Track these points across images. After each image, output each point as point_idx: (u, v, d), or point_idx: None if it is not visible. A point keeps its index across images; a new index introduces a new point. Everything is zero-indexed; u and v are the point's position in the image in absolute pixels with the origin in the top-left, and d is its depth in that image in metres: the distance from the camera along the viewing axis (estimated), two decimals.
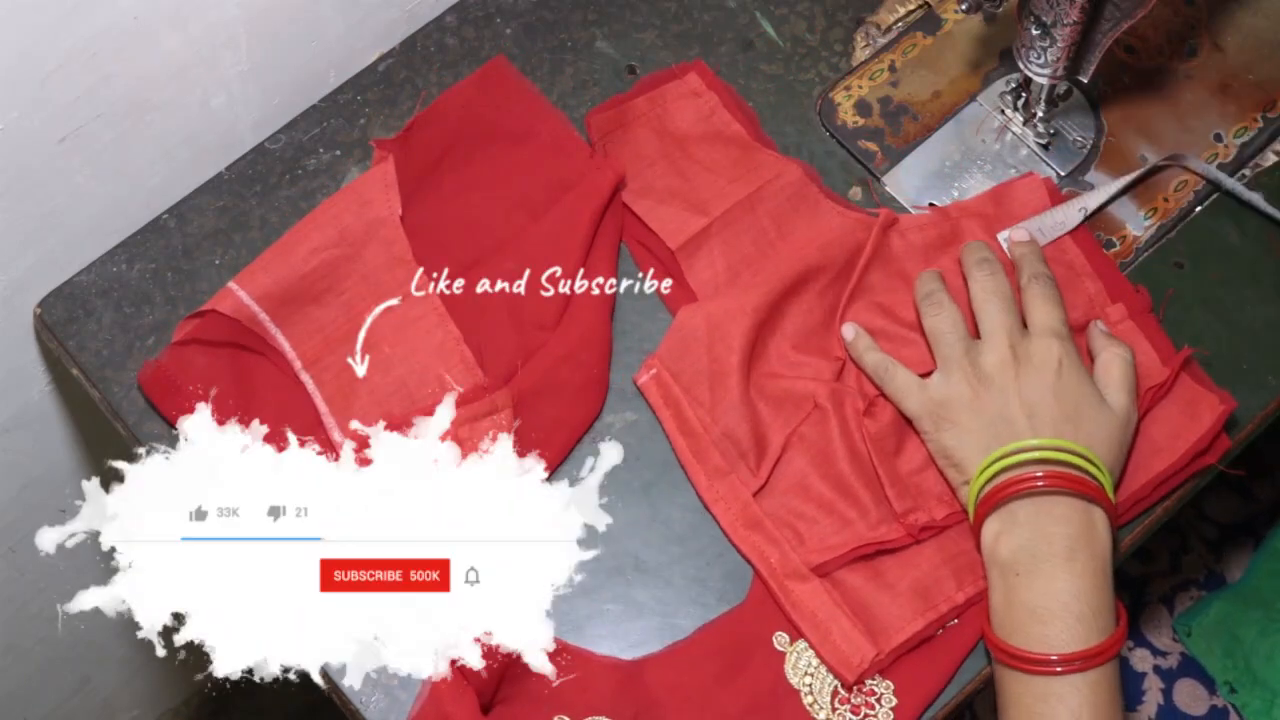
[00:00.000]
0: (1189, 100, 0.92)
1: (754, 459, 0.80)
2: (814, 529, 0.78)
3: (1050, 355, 0.76)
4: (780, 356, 0.82)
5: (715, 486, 0.80)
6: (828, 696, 0.75)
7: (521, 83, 0.90)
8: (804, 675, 0.76)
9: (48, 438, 0.97)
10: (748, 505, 0.79)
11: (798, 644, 0.76)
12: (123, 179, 0.84)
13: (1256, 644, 1.08)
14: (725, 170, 0.87)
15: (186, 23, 0.79)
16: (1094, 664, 0.70)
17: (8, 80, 0.72)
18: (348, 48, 0.90)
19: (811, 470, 0.80)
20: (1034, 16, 0.82)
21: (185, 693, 1.38)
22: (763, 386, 0.81)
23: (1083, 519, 0.73)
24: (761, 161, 0.88)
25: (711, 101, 0.89)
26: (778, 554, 0.78)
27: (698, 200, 0.86)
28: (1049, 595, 0.71)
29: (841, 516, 0.78)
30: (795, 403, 0.81)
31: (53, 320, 0.84)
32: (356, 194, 0.84)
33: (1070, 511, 0.73)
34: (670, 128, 0.89)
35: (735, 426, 0.80)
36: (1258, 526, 1.20)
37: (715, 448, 0.80)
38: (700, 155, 0.88)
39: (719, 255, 0.85)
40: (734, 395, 0.80)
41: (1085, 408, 0.76)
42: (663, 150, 0.88)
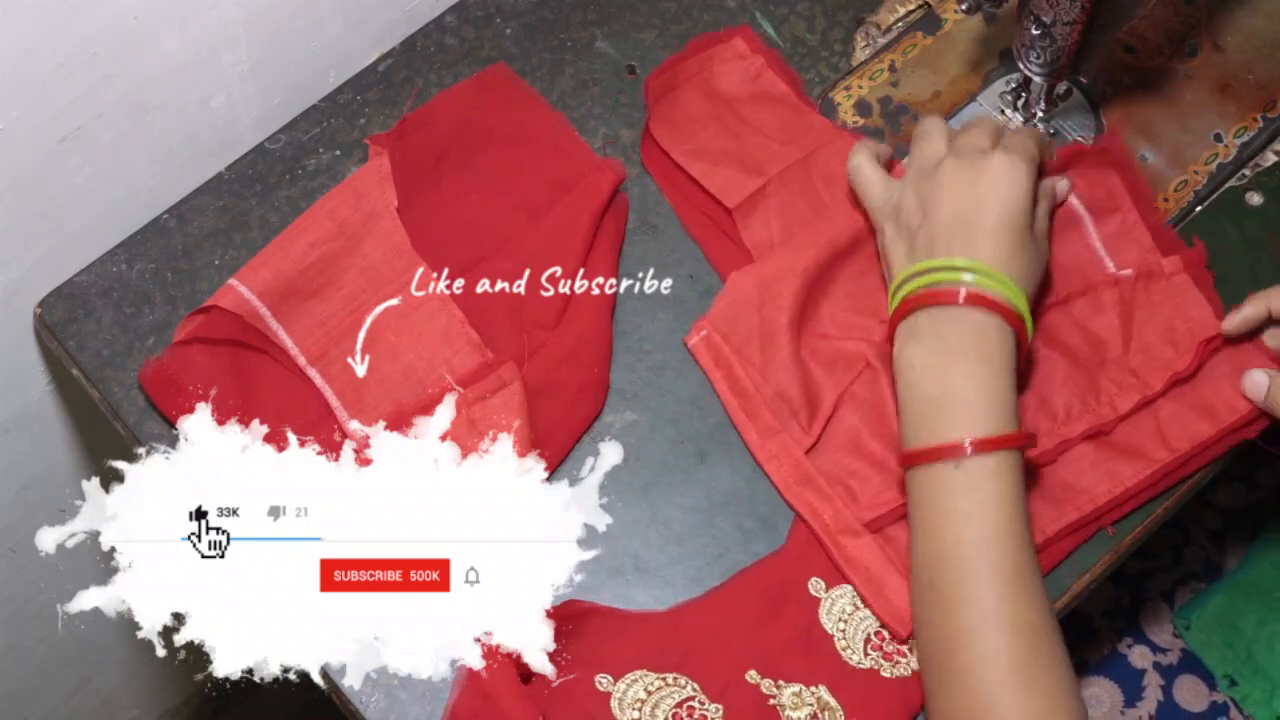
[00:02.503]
0: (1189, 100, 0.92)
1: (805, 417, 0.81)
2: (866, 486, 0.79)
3: (994, 169, 0.76)
4: (831, 318, 0.84)
5: (767, 445, 0.81)
6: (860, 641, 0.77)
7: (521, 86, 0.90)
8: (838, 621, 0.77)
9: (48, 438, 0.97)
10: (800, 463, 0.80)
11: (833, 590, 0.78)
12: (123, 179, 0.84)
13: (1256, 634, 1.08)
14: (776, 132, 0.88)
15: (186, 23, 0.79)
16: (993, 448, 0.71)
17: (8, 80, 0.72)
18: (348, 48, 0.90)
19: (863, 428, 0.81)
20: (1034, 16, 0.82)
21: (185, 693, 1.38)
22: (814, 346, 0.83)
23: (981, 324, 0.74)
24: (812, 124, 0.89)
25: (758, 63, 0.91)
26: (831, 510, 0.79)
27: (752, 162, 0.87)
28: (944, 385, 0.73)
29: (893, 473, 0.79)
30: (846, 362, 0.82)
31: (53, 320, 0.84)
32: (353, 189, 0.84)
33: (970, 318, 0.74)
34: (719, 89, 0.90)
35: (786, 385, 0.81)
36: (1261, 514, 1.20)
37: (767, 407, 0.81)
38: (750, 116, 0.89)
39: (774, 216, 0.86)
40: (785, 355, 0.81)
41: (1005, 227, 0.75)
42: (714, 112, 0.89)
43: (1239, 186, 0.90)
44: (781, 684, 0.75)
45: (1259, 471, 1.22)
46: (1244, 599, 1.11)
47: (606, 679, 0.74)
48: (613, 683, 0.74)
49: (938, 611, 0.71)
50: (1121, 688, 1.11)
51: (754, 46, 0.91)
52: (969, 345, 0.73)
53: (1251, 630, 1.09)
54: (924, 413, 0.73)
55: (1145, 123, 0.91)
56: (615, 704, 0.74)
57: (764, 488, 0.81)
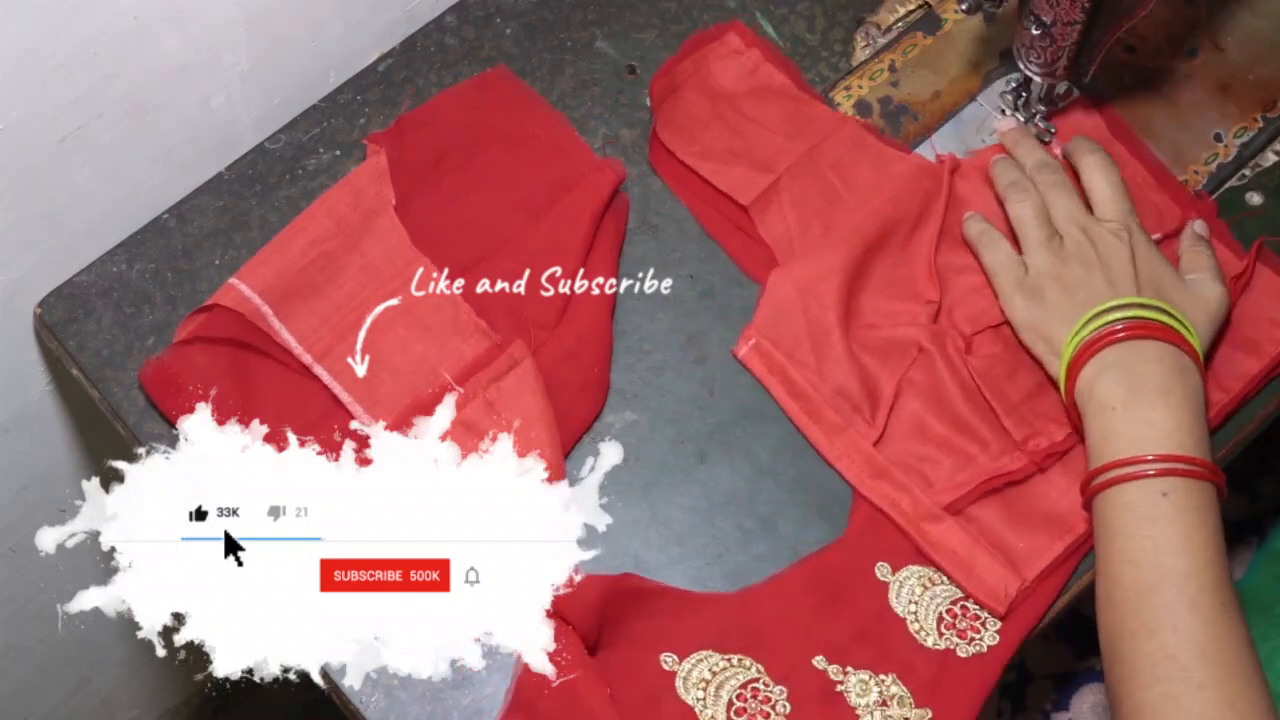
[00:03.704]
0: (1189, 100, 0.92)
1: (868, 410, 0.81)
2: (938, 469, 0.80)
3: (1121, 231, 0.80)
4: (874, 309, 0.84)
5: (836, 444, 0.81)
6: (933, 622, 0.77)
7: (521, 86, 0.90)
8: (908, 604, 0.77)
9: (48, 438, 0.97)
10: (871, 456, 0.80)
11: (900, 574, 0.78)
12: (123, 179, 0.84)
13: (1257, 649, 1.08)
14: (780, 126, 0.89)
15: (186, 23, 0.79)
16: (1195, 474, 0.70)
17: (8, 80, 0.72)
18: (348, 48, 0.90)
19: (926, 412, 0.81)
20: (1034, 16, 0.82)
21: (185, 693, 1.38)
22: (863, 339, 0.83)
23: (1174, 361, 0.74)
24: (815, 115, 0.89)
25: (755, 57, 0.91)
26: (908, 499, 0.79)
27: (760, 158, 0.88)
28: (1149, 424, 0.72)
29: (963, 453, 0.80)
30: (899, 350, 0.83)
31: (53, 320, 0.84)
32: (351, 187, 0.85)
33: (1161, 353, 0.74)
34: (717, 87, 0.90)
35: (845, 382, 0.81)
36: (1263, 526, 1.20)
37: (828, 406, 0.81)
38: (752, 112, 0.89)
39: (789, 209, 0.86)
40: (838, 352, 0.81)
41: (1166, 277, 0.78)
42: (715, 110, 0.89)
43: (1239, 186, 0.90)
44: (849, 670, 0.76)
45: (1261, 483, 1.22)
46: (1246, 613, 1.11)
47: (671, 658, 0.75)
48: (678, 662, 0.75)
49: (1142, 639, 0.70)
50: None
51: (748, 40, 0.91)
52: (1163, 381, 0.73)
53: None
54: (1123, 447, 0.73)
55: (1145, 123, 0.91)
56: (680, 683, 0.74)
57: (765, 486, 0.81)
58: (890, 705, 0.75)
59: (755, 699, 0.74)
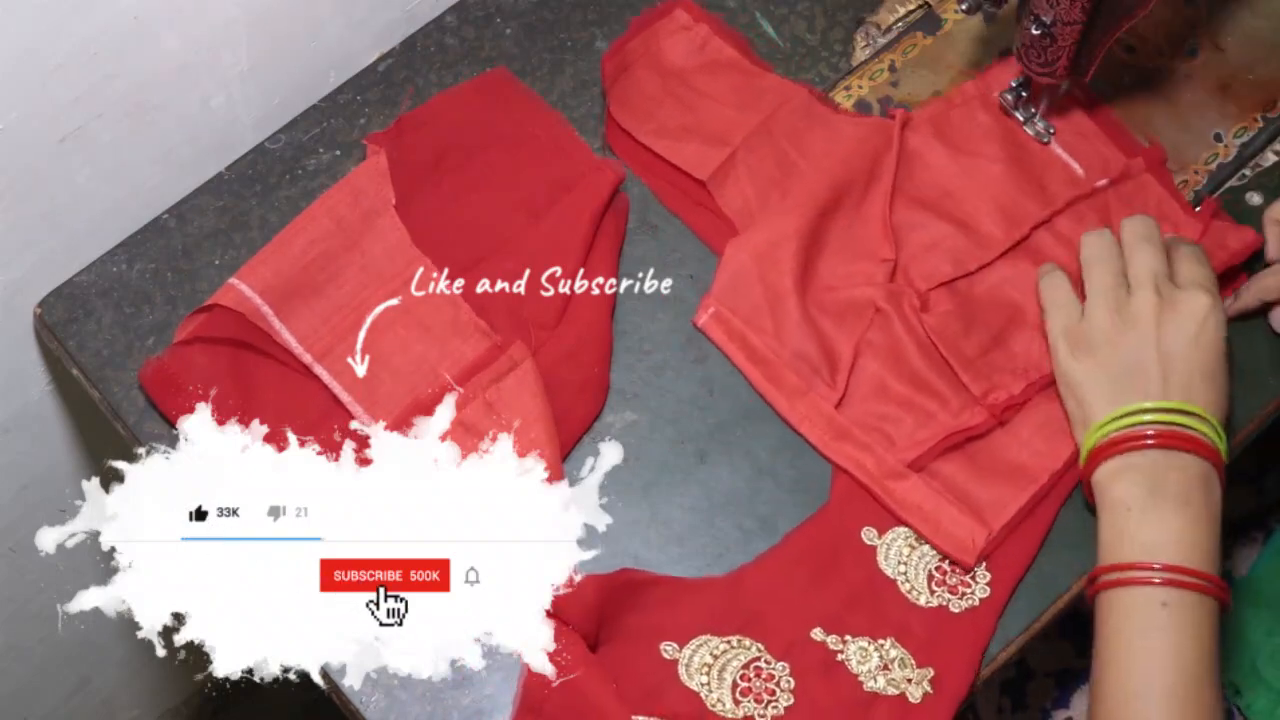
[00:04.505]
0: (1189, 100, 0.92)
1: (828, 372, 0.82)
2: (900, 428, 0.81)
3: (1199, 306, 0.76)
4: (831, 271, 0.85)
5: (798, 407, 0.81)
6: (924, 581, 0.78)
7: (520, 87, 0.90)
8: (897, 565, 0.78)
9: (48, 438, 0.97)
10: (832, 418, 0.81)
11: (886, 536, 0.79)
12: (123, 179, 0.84)
13: (1263, 643, 1.08)
14: (732, 99, 0.89)
15: (186, 23, 0.79)
16: (1198, 588, 0.70)
17: (8, 80, 0.72)
18: (348, 48, 0.90)
19: (886, 372, 0.82)
20: (1034, 16, 0.82)
21: (185, 693, 1.38)
22: (821, 302, 0.84)
23: (1199, 471, 0.74)
24: (765, 87, 0.90)
25: (703, 32, 0.91)
26: (872, 458, 0.80)
27: (714, 132, 0.88)
28: (1163, 532, 0.72)
29: (923, 410, 0.81)
30: (856, 311, 0.83)
31: (53, 320, 0.84)
32: (351, 186, 0.85)
33: (1187, 462, 0.74)
34: (668, 64, 0.90)
35: (803, 345, 0.82)
36: (1269, 521, 1.20)
37: (789, 370, 0.82)
38: (704, 87, 0.90)
39: (746, 181, 0.87)
40: (795, 316, 0.82)
41: (1216, 370, 0.76)
42: (667, 88, 0.90)
43: (1239, 186, 0.90)
44: (848, 639, 0.76)
45: (1266, 477, 1.22)
46: (1252, 608, 1.11)
47: (672, 646, 0.75)
48: (678, 649, 0.75)
49: None
50: None
51: (696, 15, 0.91)
52: (1183, 490, 0.73)
53: (1258, 640, 1.08)
54: (1132, 551, 0.73)
55: (1145, 123, 0.91)
56: (683, 670, 0.75)
57: (765, 486, 0.81)
58: (892, 668, 0.75)
59: (759, 678, 0.75)
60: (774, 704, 0.74)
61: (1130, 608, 0.71)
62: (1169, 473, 0.73)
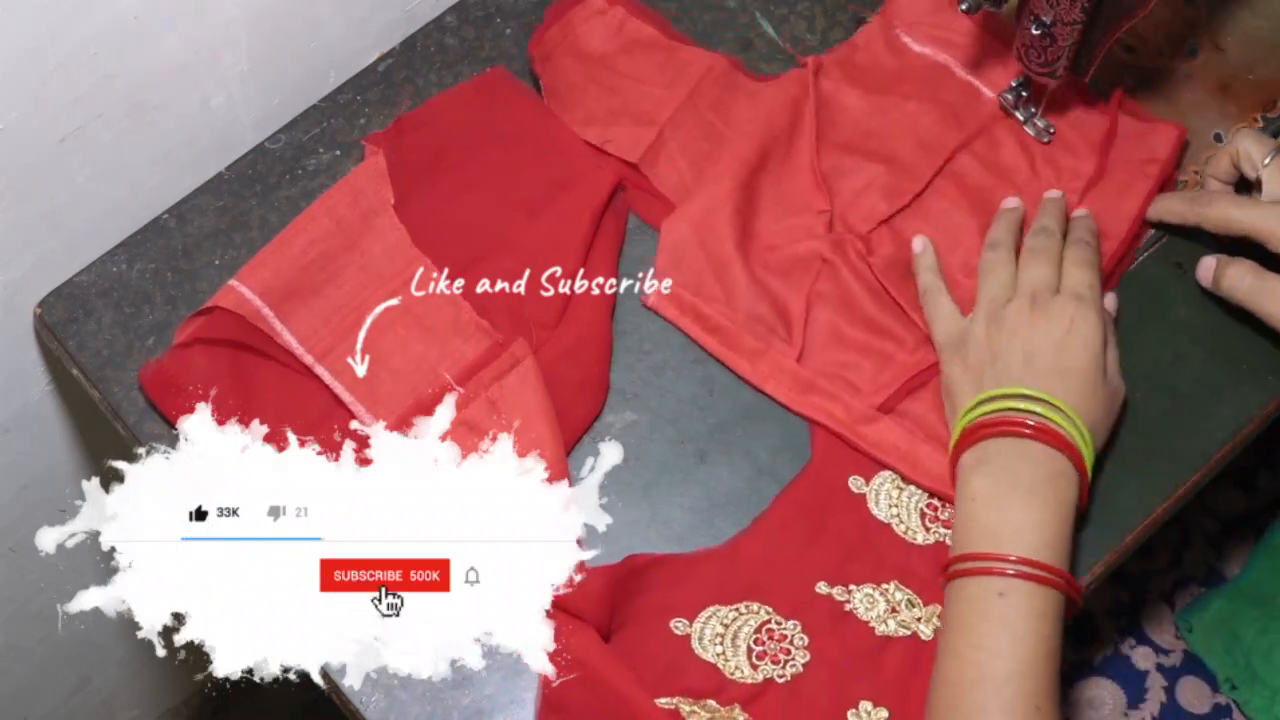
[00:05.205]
0: (1189, 100, 0.92)
1: (784, 329, 0.83)
2: (861, 374, 0.82)
3: (1064, 313, 0.78)
4: (770, 230, 0.86)
5: (760, 367, 0.82)
6: (917, 520, 0.79)
7: (519, 86, 0.90)
8: (889, 508, 0.79)
9: (48, 438, 0.97)
10: (796, 373, 0.82)
11: (873, 482, 0.80)
12: (123, 179, 0.84)
13: (1256, 642, 1.08)
14: (654, 77, 0.90)
15: (186, 23, 0.79)
16: (1038, 579, 0.71)
17: (8, 80, 0.72)
18: (348, 48, 0.90)
19: (840, 320, 0.83)
20: (1034, 16, 0.82)
21: (185, 693, 1.38)
22: (766, 262, 0.85)
23: (1051, 466, 0.74)
24: (686, 60, 0.90)
25: (619, 14, 0.91)
26: (840, 406, 0.81)
27: (641, 113, 0.89)
28: (1004, 521, 0.73)
29: (881, 353, 0.82)
30: (802, 265, 0.84)
31: (53, 320, 0.84)
32: (350, 186, 0.85)
33: (1042, 456, 0.74)
34: (588, 50, 0.91)
35: (755, 306, 0.83)
36: (1260, 520, 1.20)
37: (745, 332, 0.83)
38: (626, 69, 0.90)
39: (679, 157, 0.88)
40: (743, 280, 0.83)
41: (1082, 371, 0.77)
42: (589, 74, 0.90)
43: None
44: (852, 588, 0.77)
45: (1258, 477, 1.22)
46: (1245, 605, 1.11)
47: (682, 623, 0.76)
48: (689, 625, 0.76)
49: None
50: (1124, 689, 1.11)
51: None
52: (1033, 483, 0.73)
53: (1251, 639, 1.08)
54: (975, 539, 0.73)
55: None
56: (696, 644, 0.75)
57: (765, 486, 0.81)
58: (900, 610, 0.76)
59: (772, 639, 0.75)
60: (791, 663, 0.75)
61: (970, 598, 0.72)
62: (1021, 464, 0.74)
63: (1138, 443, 0.81)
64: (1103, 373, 0.78)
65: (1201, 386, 0.83)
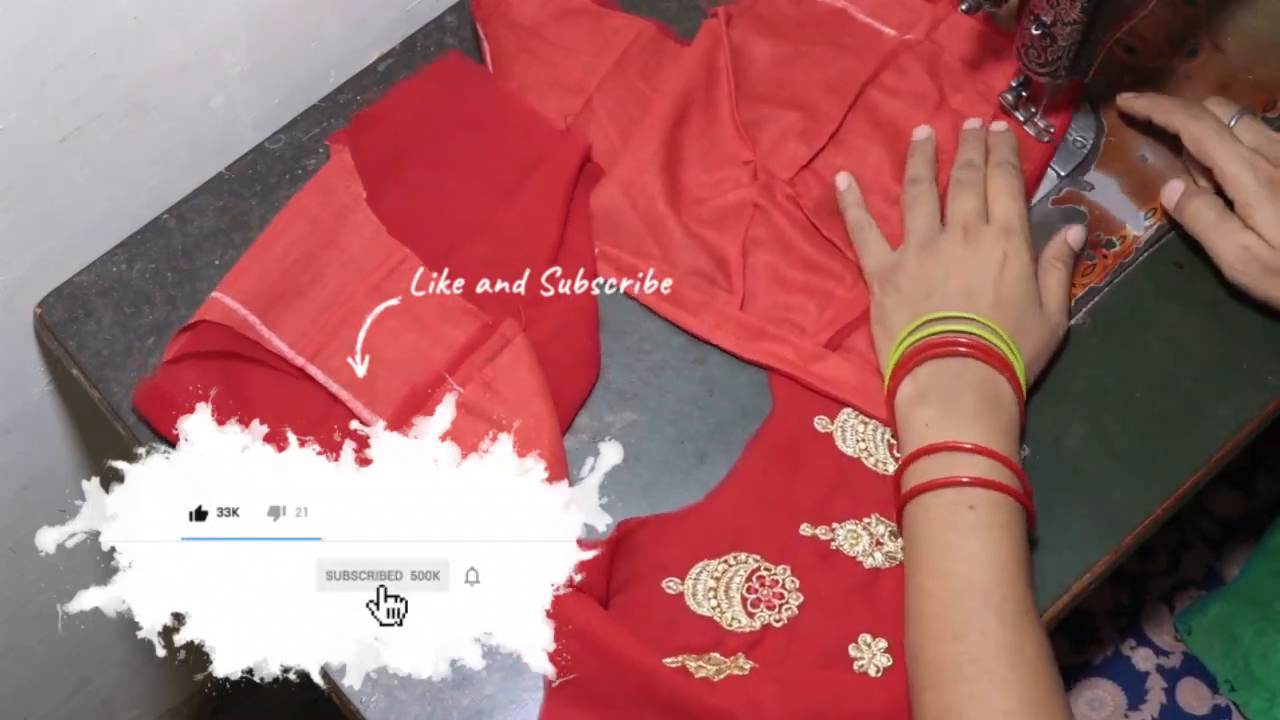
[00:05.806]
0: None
1: (724, 279, 0.84)
2: (805, 315, 0.84)
3: (997, 248, 0.80)
4: (698, 183, 0.87)
5: (705, 320, 0.83)
6: (885, 451, 0.80)
7: (474, 70, 0.90)
8: (856, 444, 0.80)
9: (48, 438, 0.97)
10: (741, 320, 0.83)
11: (837, 420, 0.81)
12: (123, 179, 0.84)
13: (1254, 644, 1.08)
14: (584, 45, 0.91)
15: (186, 23, 0.79)
16: (1007, 490, 0.72)
17: (8, 80, 0.72)
18: (348, 48, 0.90)
19: (778, 262, 0.85)
20: (1034, 16, 0.82)
21: (185, 693, 1.38)
22: (698, 215, 0.86)
23: (992, 389, 0.75)
24: (614, 27, 0.91)
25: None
26: (789, 349, 0.82)
27: (571, 82, 0.90)
28: (955, 436, 0.74)
29: (821, 291, 0.84)
30: (734, 214, 0.86)
31: (53, 320, 0.84)
32: (320, 185, 0.85)
33: (980, 379, 0.75)
34: (519, 19, 0.91)
35: (693, 259, 0.84)
36: (1259, 523, 1.20)
37: (685, 287, 0.84)
38: (555, 38, 0.91)
39: (608, 123, 0.89)
40: (679, 235, 0.84)
41: (1019, 303, 0.79)
42: (521, 43, 0.91)
43: None
44: (835, 526, 0.78)
45: (1257, 480, 1.22)
46: (1243, 608, 1.11)
47: (674, 581, 0.76)
48: (680, 582, 0.76)
49: (947, 643, 0.70)
50: (1124, 690, 1.11)
51: None
52: (978, 407, 0.74)
53: (1249, 641, 1.08)
54: (931, 459, 0.74)
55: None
56: (690, 600, 0.76)
57: None
58: (885, 542, 0.77)
59: (764, 586, 0.76)
60: (786, 607, 0.75)
61: (939, 517, 0.72)
62: (963, 391, 0.75)
63: (1137, 443, 0.81)
64: (1037, 304, 0.79)
65: (1201, 386, 0.83)
